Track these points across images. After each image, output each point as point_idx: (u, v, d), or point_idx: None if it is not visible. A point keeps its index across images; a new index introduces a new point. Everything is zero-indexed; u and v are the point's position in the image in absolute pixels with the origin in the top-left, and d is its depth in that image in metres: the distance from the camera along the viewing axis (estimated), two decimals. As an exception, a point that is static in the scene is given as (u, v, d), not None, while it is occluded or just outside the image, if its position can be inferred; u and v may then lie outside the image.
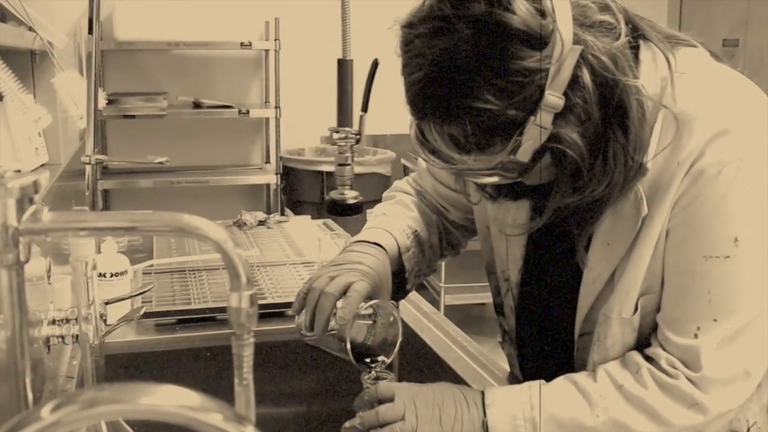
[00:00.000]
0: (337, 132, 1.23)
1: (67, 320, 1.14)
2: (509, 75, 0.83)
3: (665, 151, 0.93)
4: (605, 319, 1.01)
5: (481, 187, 1.08)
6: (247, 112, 4.07)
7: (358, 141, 1.24)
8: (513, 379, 1.33)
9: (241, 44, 4.01)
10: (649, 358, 1.00)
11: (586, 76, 0.86)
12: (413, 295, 1.75)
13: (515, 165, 0.89)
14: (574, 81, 0.85)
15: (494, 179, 0.94)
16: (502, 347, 1.32)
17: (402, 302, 1.65)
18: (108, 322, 1.20)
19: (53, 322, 1.13)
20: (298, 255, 1.95)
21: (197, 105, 4.13)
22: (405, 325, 1.57)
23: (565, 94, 0.85)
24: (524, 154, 0.87)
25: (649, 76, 0.93)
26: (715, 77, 0.98)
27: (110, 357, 1.39)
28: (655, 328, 1.01)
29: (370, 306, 1.09)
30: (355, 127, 1.24)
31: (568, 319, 1.08)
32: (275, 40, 4.12)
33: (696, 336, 0.95)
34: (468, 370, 1.39)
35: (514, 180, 0.94)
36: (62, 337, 1.13)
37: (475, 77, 0.83)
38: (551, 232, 1.08)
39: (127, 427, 1.11)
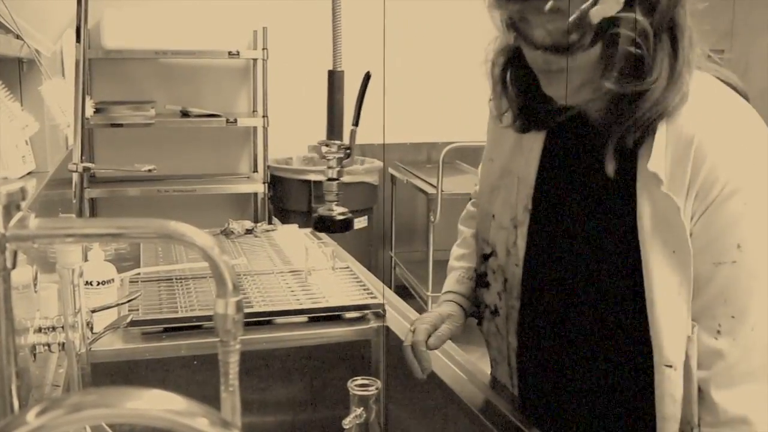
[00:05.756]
0: (327, 146, 1.19)
1: (54, 328, 1.14)
2: None
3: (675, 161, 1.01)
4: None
5: (516, 112, 1.17)
6: (235, 121, 4.07)
7: (348, 155, 1.19)
8: (495, 383, 1.34)
9: (229, 53, 4.02)
10: None
11: None
12: (400, 303, 1.76)
13: (581, 29, 0.98)
14: None
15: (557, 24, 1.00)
16: (481, 330, 1.34)
17: (389, 310, 1.66)
18: (94, 330, 1.20)
19: (39, 330, 1.13)
20: (285, 264, 1.95)
21: (185, 114, 4.12)
22: (392, 333, 1.58)
23: None
24: (596, 15, 0.97)
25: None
26: (723, 101, 1.08)
27: (97, 365, 1.39)
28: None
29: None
30: (346, 140, 1.20)
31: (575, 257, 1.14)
32: (263, 49, 4.13)
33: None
34: (454, 377, 1.39)
35: (572, 46, 1.00)
36: (48, 345, 1.13)
37: None
38: (557, 174, 1.17)
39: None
